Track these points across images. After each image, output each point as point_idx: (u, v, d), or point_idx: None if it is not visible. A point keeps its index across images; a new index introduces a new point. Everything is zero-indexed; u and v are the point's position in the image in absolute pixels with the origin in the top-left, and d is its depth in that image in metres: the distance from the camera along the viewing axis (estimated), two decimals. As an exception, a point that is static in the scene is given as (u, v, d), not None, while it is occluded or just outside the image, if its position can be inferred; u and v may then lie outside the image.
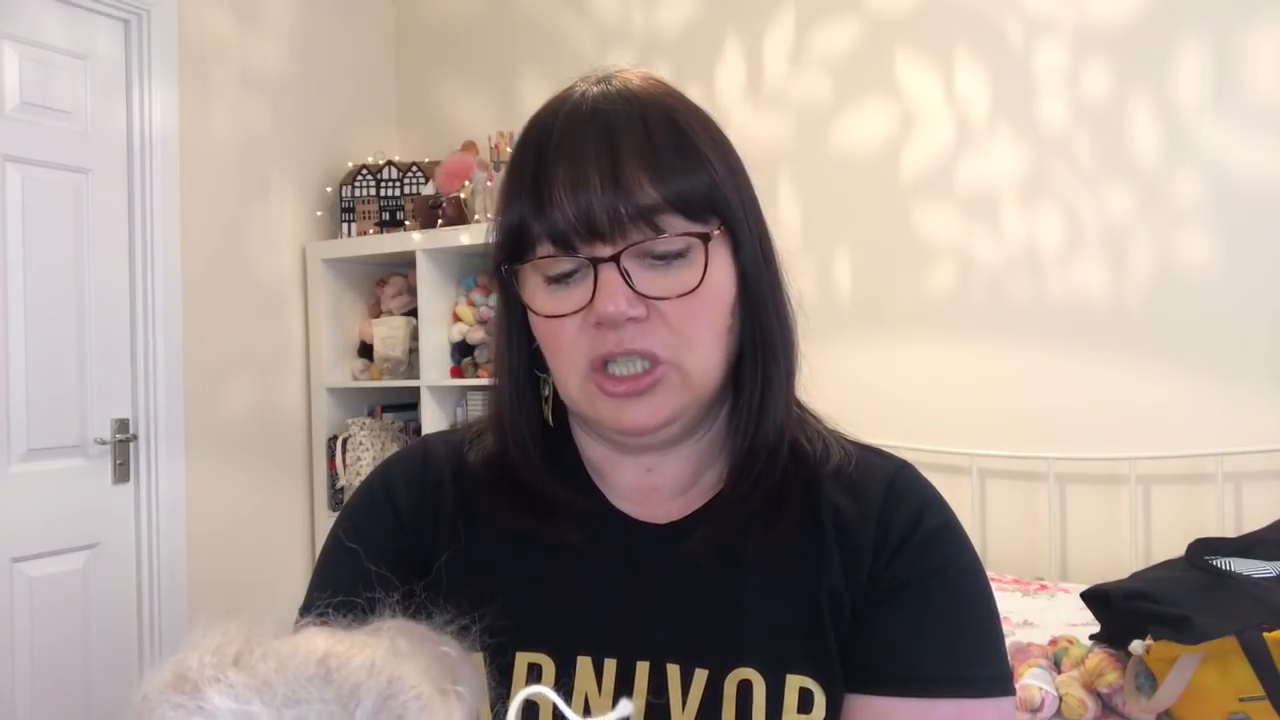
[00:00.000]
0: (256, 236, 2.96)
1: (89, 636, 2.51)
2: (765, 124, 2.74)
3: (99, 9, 2.55)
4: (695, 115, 0.66)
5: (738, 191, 0.66)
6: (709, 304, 0.63)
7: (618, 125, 0.62)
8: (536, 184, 0.63)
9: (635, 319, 0.61)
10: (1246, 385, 2.18)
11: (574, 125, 0.63)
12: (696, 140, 0.64)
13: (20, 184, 2.40)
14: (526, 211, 0.63)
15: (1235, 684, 1.43)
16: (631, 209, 0.60)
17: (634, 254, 0.61)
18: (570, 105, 0.65)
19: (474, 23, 3.31)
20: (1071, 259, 2.38)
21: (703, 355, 0.63)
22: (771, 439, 0.67)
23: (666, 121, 0.64)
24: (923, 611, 0.63)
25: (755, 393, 0.67)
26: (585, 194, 0.60)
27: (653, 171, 0.61)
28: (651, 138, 0.62)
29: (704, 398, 0.65)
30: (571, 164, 0.61)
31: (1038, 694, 1.56)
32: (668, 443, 0.68)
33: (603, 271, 0.61)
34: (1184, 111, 2.25)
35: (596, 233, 0.61)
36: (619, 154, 0.61)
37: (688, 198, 0.62)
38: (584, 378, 0.63)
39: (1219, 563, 1.69)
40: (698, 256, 0.62)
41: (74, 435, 2.51)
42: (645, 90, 0.65)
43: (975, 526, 2.44)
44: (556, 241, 0.62)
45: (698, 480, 0.70)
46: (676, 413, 0.64)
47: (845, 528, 0.66)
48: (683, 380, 0.63)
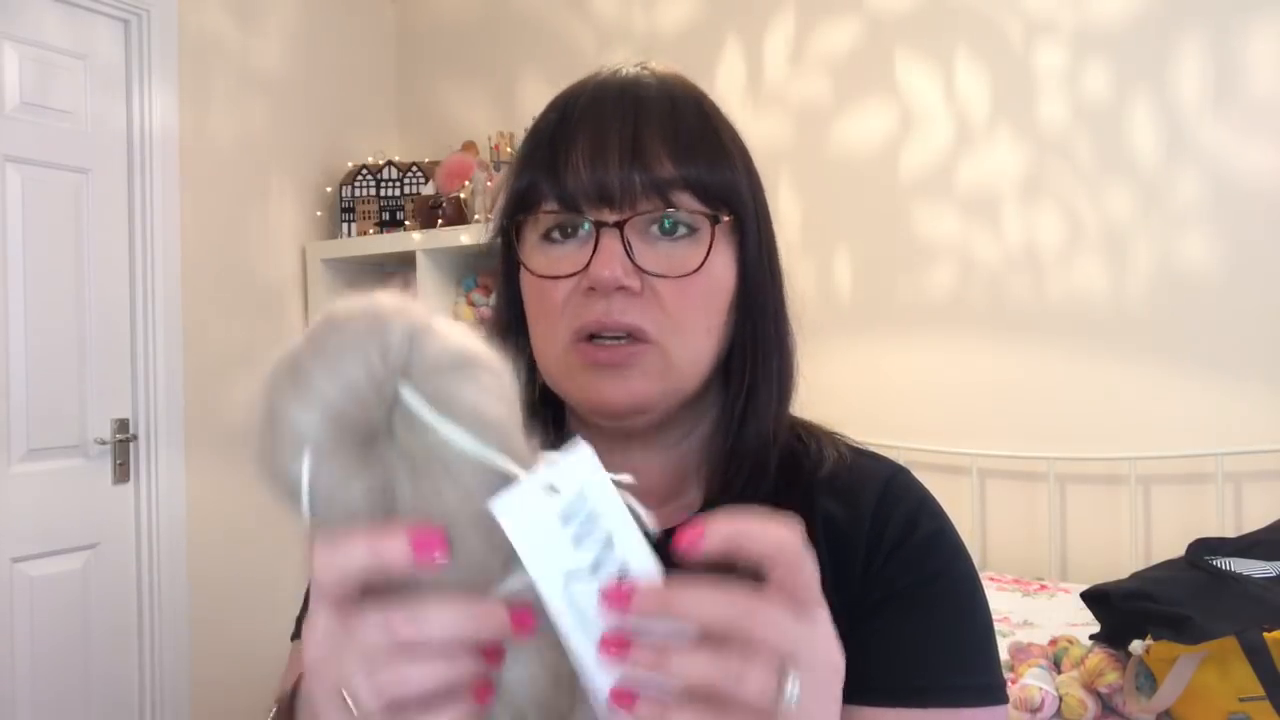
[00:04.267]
0: (256, 236, 2.96)
1: (89, 636, 2.51)
2: (765, 124, 2.74)
3: (99, 9, 2.55)
4: (723, 117, 0.66)
5: (752, 193, 0.66)
6: (706, 291, 0.62)
7: (646, 101, 0.62)
8: (554, 147, 0.62)
9: (628, 290, 0.60)
10: (1246, 385, 2.18)
11: (601, 96, 0.63)
12: (722, 134, 0.64)
13: (20, 184, 2.41)
14: (539, 174, 0.62)
15: (1235, 684, 1.43)
16: (646, 180, 0.60)
17: (639, 226, 0.61)
18: (600, 80, 0.65)
19: (474, 23, 3.31)
20: (1071, 259, 2.38)
21: (690, 342, 0.62)
22: (753, 445, 0.65)
23: (696, 109, 0.64)
24: (915, 620, 0.62)
25: (740, 396, 0.66)
26: (602, 162, 0.60)
27: (674, 149, 0.61)
28: (678, 119, 0.62)
29: (684, 389, 0.63)
30: (593, 132, 0.61)
31: (1038, 694, 1.56)
32: (646, 436, 0.66)
33: (604, 236, 0.60)
34: (1184, 111, 2.25)
35: (606, 199, 0.60)
36: (642, 128, 0.61)
37: (705, 181, 0.62)
38: (566, 347, 0.62)
39: (1219, 563, 1.69)
40: (703, 239, 0.62)
41: (74, 435, 2.51)
42: (677, 79, 0.66)
43: (975, 527, 2.44)
44: (565, 203, 0.61)
45: (679, 494, 0.69)
46: (653, 397, 0.62)
47: (837, 536, 0.65)
48: (664, 364, 0.61)
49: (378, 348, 0.37)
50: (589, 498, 0.38)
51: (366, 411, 0.36)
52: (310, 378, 0.36)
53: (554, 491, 0.37)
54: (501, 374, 0.39)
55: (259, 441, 0.37)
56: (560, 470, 0.37)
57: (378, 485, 0.37)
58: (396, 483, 0.37)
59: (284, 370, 0.37)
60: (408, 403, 0.37)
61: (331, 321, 0.37)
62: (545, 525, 0.37)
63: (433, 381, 0.37)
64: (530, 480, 0.37)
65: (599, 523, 0.38)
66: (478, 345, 0.39)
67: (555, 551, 0.37)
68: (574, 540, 0.37)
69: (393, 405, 0.37)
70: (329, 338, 0.37)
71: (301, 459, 0.36)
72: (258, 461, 0.38)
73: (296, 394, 0.36)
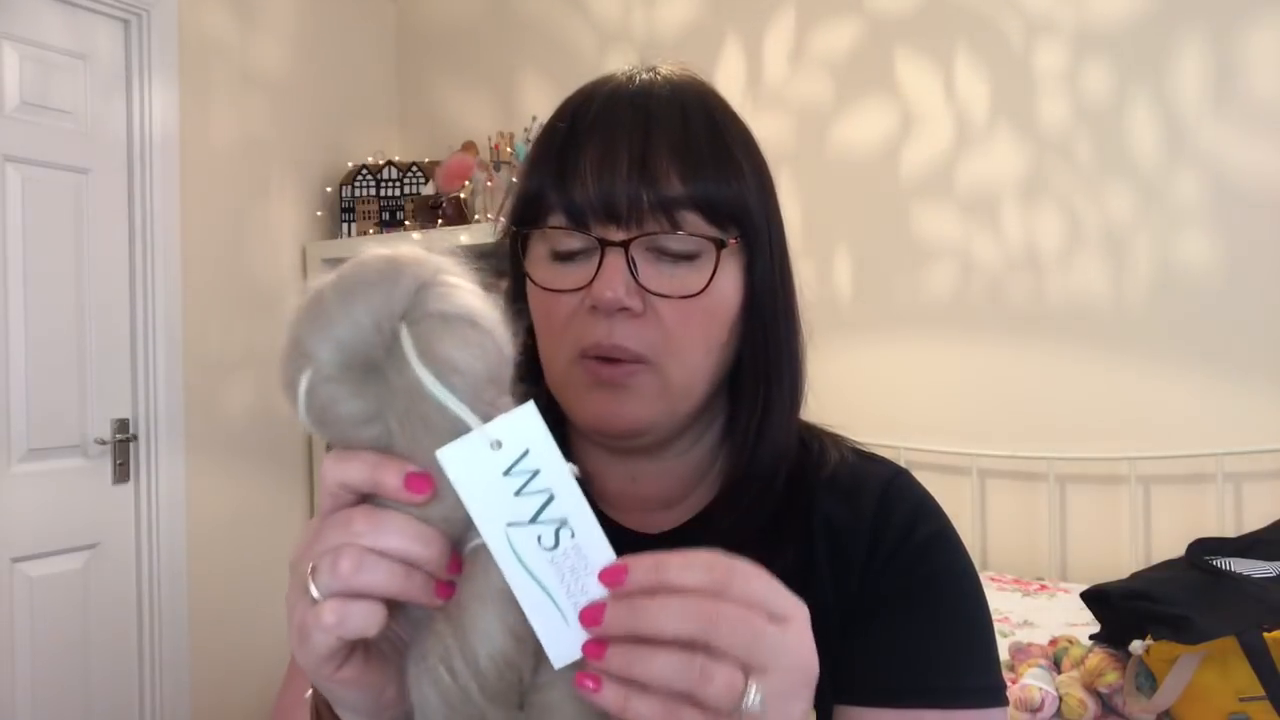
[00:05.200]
0: (256, 236, 2.96)
1: (89, 636, 2.51)
2: (765, 124, 2.74)
3: (99, 9, 2.55)
4: (736, 123, 0.66)
5: (764, 207, 0.65)
6: (708, 313, 0.62)
7: (657, 113, 0.62)
8: (564, 156, 0.62)
9: (630, 311, 0.60)
10: (1246, 385, 2.18)
11: (613, 105, 0.63)
12: (732, 146, 0.63)
13: (20, 184, 2.40)
14: (547, 181, 0.62)
15: (1235, 684, 1.43)
16: (654, 198, 0.59)
17: (645, 246, 0.60)
18: (614, 85, 0.64)
19: (474, 23, 3.31)
20: (1071, 259, 2.38)
21: (689, 362, 0.62)
22: (767, 466, 0.65)
23: (707, 121, 0.63)
24: (914, 620, 0.62)
25: (754, 417, 0.65)
26: (610, 175, 0.60)
27: (683, 166, 0.60)
28: (689, 133, 0.61)
29: (682, 409, 0.63)
30: (603, 143, 0.61)
31: (1038, 694, 1.56)
32: (648, 451, 0.66)
33: (609, 255, 0.60)
34: (1184, 111, 2.25)
35: (613, 215, 0.60)
36: (652, 142, 0.60)
37: (713, 200, 0.61)
38: (569, 363, 0.62)
39: (1219, 563, 1.69)
40: (707, 262, 0.61)
41: (74, 435, 2.51)
42: (692, 87, 0.65)
43: (975, 527, 2.44)
44: (571, 216, 0.61)
45: (684, 497, 0.69)
46: (650, 420, 0.62)
47: (837, 538, 0.65)
48: (660, 385, 0.61)
49: (386, 292, 0.41)
50: (532, 454, 0.40)
51: (368, 346, 0.41)
52: (326, 310, 0.41)
53: (499, 446, 0.40)
54: (490, 332, 0.42)
55: (281, 361, 0.42)
56: (505, 425, 0.40)
57: (372, 410, 0.41)
58: (389, 415, 0.41)
59: (308, 303, 0.42)
60: (401, 343, 0.40)
61: (357, 264, 0.42)
62: (487, 476, 0.40)
63: (423, 327, 0.40)
64: (477, 432, 0.40)
65: (539, 479, 0.40)
66: (477, 303, 0.42)
67: (497, 501, 0.40)
68: (515, 492, 0.40)
69: (391, 344, 0.41)
70: (350, 278, 0.41)
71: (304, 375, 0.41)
72: (281, 378, 0.42)
73: (311, 323, 0.41)
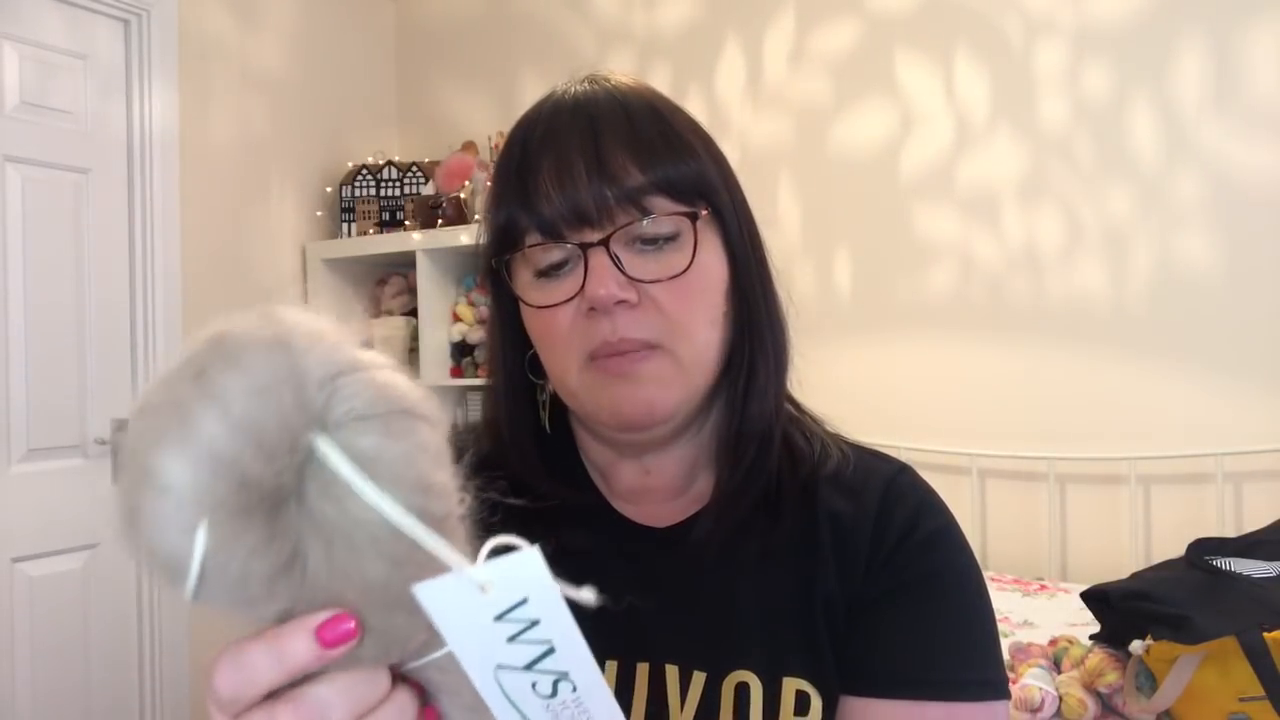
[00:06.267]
0: (256, 236, 2.96)
1: (89, 636, 2.51)
2: (765, 124, 2.74)
3: (99, 9, 2.55)
4: (677, 109, 0.67)
5: (723, 179, 0.67)
6: (700, 287, 0.63)
7: (600, 115, 0.63)
8: (523, 178, 0.63)
9: (626, 303, 0.61)
10: (1246, 385, 2.18)
11: (557, 119, 0.64)
12: (680, 130, 0.65)
13: (20, 184, 2.40)
14: (514, 207, 0.63)
15: (1235, 684, 1.43)
16: (618, 193, 0.61)
17: (623, 239, 0.61)
18: (552, 102, 0.66)
19: (474, 23, 3.30)
20: (1071, 259, 2.38)
21: (697, 338, 0.63)
22: (759, 426, 0.66)
23: (649, 110, 0.64)
24: (917, 614, 0.63)
25: (740, 378, 0.67)
26: (571, 183, 0.61)
27: (637, 156, 0.62)
28: (635, 125, 0.63)
29: (699, 386, 0.65)
30: (556, 155, 0.62)
31: (1038, 694, 1.56)
32: (663, 441, 0.68)
33: (592, 257, 0.61)
34: (1184, 111, 2.25)
35: (584, 219, 0.61)
36: (603, 142, 0.62)
37: (674, 181, 0.62)
38: (582, 368, 0.63)
39: (1219, 563, 1.69)
40: (687, 239, 0.63)
41: (74, 435, 2.51)
42: (629, 87, 0.66)
43: (975, 527, 2.44)
44: (545, 231, 0.62)
45: (692, 483, 0.70)
46: (671, 406, 0.63)
47: (842, 531, 0.66)
48: (675, 368, 0.62)
49: (290, 387, 0.29)
50: (532, 603, 0.33)
51: (275, 469, 0.29)
52: (198, 424, 0.27)
53: (487, 589, 0.32)
54: (438, 425, 0.33)
55: (129, 502, 0.29)
56: (499, 569, 0.32)
57: (284, 559, 0.30)
58: (306, 553, 0.31)
59: (165, 412, 0.28)
60: (326, 460, 0.30)
61: (224, 348, 0.29)
62: (476, 619, 0.33)
63: (358, 433, 0.30)
64: (462, 574, 0.31)
65: (538, 629, 0.33)
66: (410, 387, 0.33)
67: (486, 644, 0.33)
68: (508, 639, 0.33)
69: (305, 461, 0.30)
70: (224, 371, 0.28)
71: (191, 530, 0.28)
72: (127, 528, 0.29)
73: (182, 446, 0.27)
